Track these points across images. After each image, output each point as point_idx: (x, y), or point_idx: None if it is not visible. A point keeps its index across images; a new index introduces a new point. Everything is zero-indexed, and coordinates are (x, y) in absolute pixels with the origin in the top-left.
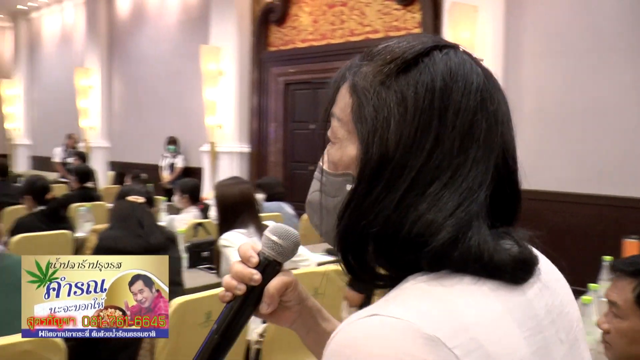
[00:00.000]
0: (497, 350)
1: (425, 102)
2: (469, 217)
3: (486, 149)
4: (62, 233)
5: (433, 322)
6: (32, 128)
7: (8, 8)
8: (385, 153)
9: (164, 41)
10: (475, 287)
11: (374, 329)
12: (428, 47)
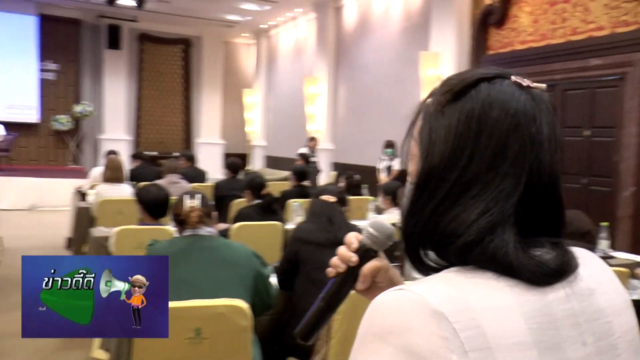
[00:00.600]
0: (493, 331)
1: (464, 126)
2: (492, 224)
3: (517, 167)
4: (273, 224)
5: (442, 301)
6: (267, 131)
7: (252, 28)
8: (431, 168)
9: (385, 49)
10: (492, 281)
11: (395, 299)
12: (475, 78)
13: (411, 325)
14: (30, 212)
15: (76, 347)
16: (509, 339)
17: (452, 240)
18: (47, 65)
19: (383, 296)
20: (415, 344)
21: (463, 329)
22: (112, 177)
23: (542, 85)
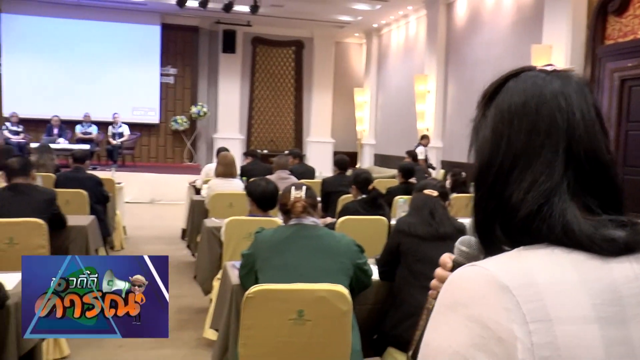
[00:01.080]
0: (555, 305)
1: (498, 118)
2: (545, 192)
3: (551, 137)
4: (378, 218)
5: (508, 275)
6: (376, 130)
7: (364, 27)
8: (481, 164)
9: (496, 43)
10: (558, 257)
11: (466, 274)
12: (504, 78)
13: (478, 297)
14: (150, 205)
15: (190, 328)
16: (571, 313)
17: (515, 216)
18: (167, 70)
19: (456, 272)
20: (480, 314)
21: (525, 301)
22: (224, 172)
23: (572, 67)
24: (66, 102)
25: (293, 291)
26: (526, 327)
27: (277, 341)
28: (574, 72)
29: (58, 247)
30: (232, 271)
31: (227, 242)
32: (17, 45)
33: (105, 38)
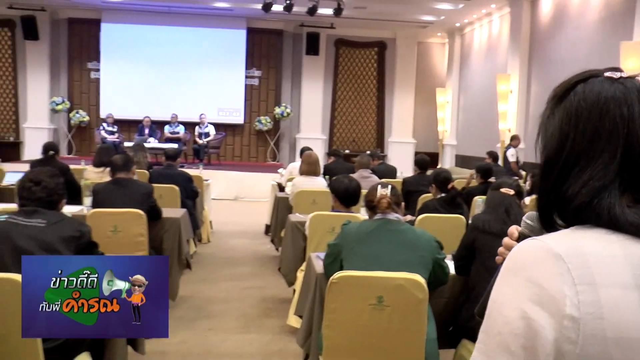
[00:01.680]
0: (600, 272)
1: (566, 120)
2: (597, 188)
3: (611, 143)
4: (456, 217)
5: (562, 246)
6: (457, 130)
7: (446, 27)
8: (548, 156)
9: (582, 41)
10: (604, 235)
11: (528, 245)
12: (573, 82)
13: (536, 263)
14: (234, 202)
15: (274, 316)
16: (613, 279)
17: (569, 205)
18: (252, 72)
19: (519, 244)
20: (537, 276)
21: (575, 268)
22: (308, 170)
23: (636, 73)
24: (156, 104)
25: (373, 278)
26: (574, 288)
27: (358, 325)
28: (638, 79)
29: (154, 236)
30: (317, 261)
31: (311, 235)
32: (114, 52)
33: (194, 43)
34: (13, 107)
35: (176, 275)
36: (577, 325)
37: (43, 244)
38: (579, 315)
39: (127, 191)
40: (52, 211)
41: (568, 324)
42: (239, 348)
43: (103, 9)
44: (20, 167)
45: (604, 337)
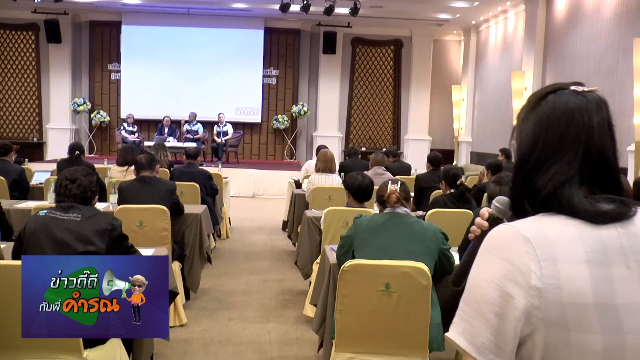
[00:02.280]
0: (559, 250)
1: (538, 125)
2: (561, 181)
3: (574, 145)
4: (464, 212)
5: (529, 230)
6: (472, 127)
7: (462, 24)
8: (522, 154)
9: (597, 38)
10: (564, 220)
11: (502, 229)
12: (545, 92)
13: (508, 245)
14: (252, 199)
15: (290, 307)
16: (569, 256)
17: (538, 195)
18: (269, 71)
19: (494, 229)
20: (509, 255)
21: (539, 247)
22: (324, 167)
23: (595, 88)
24: (175, 104)
25: (381, 266)
26: (539, 264)
27: (368, 309)
28: (596, 93)
29: (177, 230)
30: (331, 253)
31: (326, 229)
32: (134, 53)
33: (212, 43)
34: (36, 109)
35: (198, 268)
36: (540, 294)
37: (79, 236)
38: (542, 286)
39: (151, 188)
40: (86, 206)
41: (533, 294)
42: (258, 336)
43: (123, 12)
44: (46, 166)
45: (561, 302)
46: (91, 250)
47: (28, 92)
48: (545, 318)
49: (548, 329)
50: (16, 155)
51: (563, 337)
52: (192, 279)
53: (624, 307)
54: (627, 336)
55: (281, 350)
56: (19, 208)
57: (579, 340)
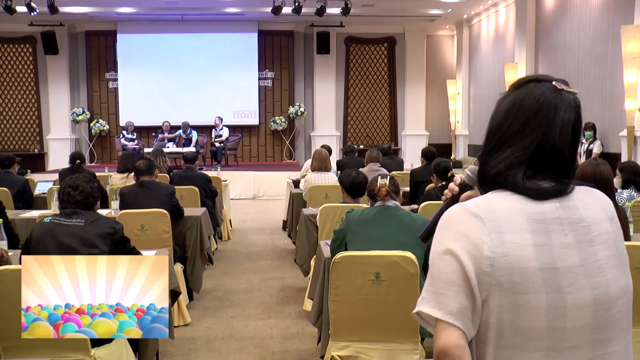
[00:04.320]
0: (505, 222)
1: (511, 106)
2: (512, 163)
3: (534, 134)
4: None
5: (478, 207)
6: (469, 120)
7: (454, 19)
8: (491, 129)
9: (586, 26)
10: (509, 196)
11: (455, 209)
12: (528, 80)
13: (462, 221)
14: (252, 201)
15: (291, 304)
16: (514, 227)
17: (490, 172)
18: (265, 74)
19: (450, 209)
20: (464, 229)
21: (488, 221)
22: (319, 166)
23: (574, 90)
24: (173, 109)
25: (371, 257)
26: (489, 236)
27: (360, 298)
28: (574, 96)
29: (178, 233)
30: (325, 248)
31: (322, 226)
32: (130, 61)
33: (207, 48)
34: (36, 120)
35: (199, 268)
36: (492, 263)
37: (83, 240)
38: (492, 255)
39: (151, 193)
40: (89, 212)
41: (486, 263)
42: (260, 332)
43: (118, 21)
44: (48, 176)
45: (509, 268)
46: (95, 253)
47: (27, 104)
48: (496, 284)
49: (500, 294)
50: (19, 167)
51: (513, 299)
52: (195, 280)
53: (563, 269)
54: (568, 295)
55: (282, 344)
56: (24, 217)
57: (525, 300)
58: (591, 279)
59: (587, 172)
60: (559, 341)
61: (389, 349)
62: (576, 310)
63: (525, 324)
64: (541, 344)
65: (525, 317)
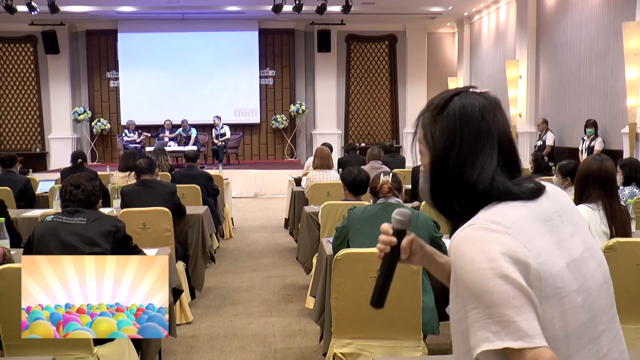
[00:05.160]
0: (528, 229)
1: (452, 124)
2: (491, 172)
3: (489, 138)
4: None
5: (494, 221)
6: None
7: (455, 16)
8: (438, 156)
9: (587, 23)
10: (511, 205)
11: (471, 229)
12: (450, 95)
13: (493, 240)
14: (254, 199)
15: (293, 301)
16: (535, 232)
17: (474, 191)
18: (266, 72)
19: (462, 231)
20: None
21: (517, 233)
22: (321, 164)
23: (487, 89)
24: (174, 108)
25: (372, 254)
26: (526, 248)
27: (361, 295)
28: (490, 93)
29: (179, 231)
30: (327, 245)
31: (323, 223)
32: (131, 60)
33: (208, 47)
34: (38, 120)
35: (201, 267)
36: (539, 275)
37: (85, 239)
38: (538, 267)
39: (152, 191)
40: (91, 210)
41: (533, 277)
42: (262, 330)
43: (119, 20)
44: (50, 176)
45: (551, 275)
46: (97, 251)
47: (29, 103)
48: (545, 296)
49: (549, 305)
50: (21, 167)
51: (560, 305)
52: (197, 278)
53: (579, 258)
54: (590, 281)
55: (285, 342)
56: (26, 217)
57: (568, 301)
58: (595, 259)
59: (593, 169)
60: (595, 329)
61: (391, 346)
62: (598, 293)
63: (573, 326)
64: (586, 338)
65: (572, 318)
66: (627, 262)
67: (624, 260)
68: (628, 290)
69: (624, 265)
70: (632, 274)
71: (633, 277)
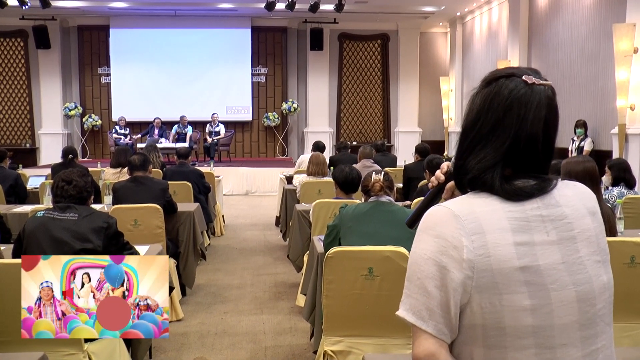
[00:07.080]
0: (486, 223)
1: (482, 104)
2: (486, 166)
3: (505, 133)
4: None
5: (459, 208)
6: (462, 117)
7: (448, 16)
8: (464, 128)
9: (579, 24)
10: (488, 198)
11: (435, 210)
12: (498, 75)
13: (441, 223)
14: (245, 196)
15: (284, 299)
16: (495, 227)
17: (466, 175)
18: (258, 70)
19: (429, 211)
20: (443, 232)
21: (468, 222)
22: (316, 171)
23: (548, 82)
24: (166, 105)
25: (364, 252)
26: (469, 238)
27: (353, 293)
28: (547, 87)
29: (171, 228)
30: (318, 243)
31: (315, 221)
32: (123, 56)
33: (200, 44)
34: (28, 115)
35: (192, 264)
36: (473, 265)
37: (76, 235)
38: (473, 257)
39: (144, 188)
40: (82, 206)
41: (466, 265)
42: (253, 327)
43: (111, 15)
44: (40, 171)
45: (491, 269)
46: (88, 247)
47: (19, 98)
48: (478, 286)
49: (482, 295)
50: (10, 162)
51: (496, 299)
52: (188, 275)
53: (546, 267)
54: (553, 293)
55: (275, 339)
56: (16, 212)
57: (509, 300)
58: (574, 276)
59: (578, 170)
60: (549, 339)
61: (381, 344)
62: (561, 307)
63: (512, 323)
64: (530, 341)
65: (511, 316)
66: (614, 262)
67: (611, 260)
68: (615, 290)
69: (612, 265)
70: (620, 273)
71: (621, 276)
